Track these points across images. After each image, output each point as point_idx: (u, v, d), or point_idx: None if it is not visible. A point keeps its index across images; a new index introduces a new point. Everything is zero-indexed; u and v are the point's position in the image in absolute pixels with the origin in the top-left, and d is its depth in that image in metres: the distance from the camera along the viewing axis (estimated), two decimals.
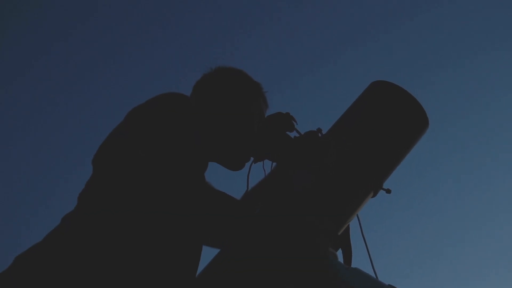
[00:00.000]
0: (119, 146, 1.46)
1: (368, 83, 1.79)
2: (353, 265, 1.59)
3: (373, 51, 5.72)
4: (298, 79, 5.81)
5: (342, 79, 5.74)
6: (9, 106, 5.47)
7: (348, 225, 1.66)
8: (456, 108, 5.74)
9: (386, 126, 1.66)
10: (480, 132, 5.71)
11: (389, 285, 1.38)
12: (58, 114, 5.61)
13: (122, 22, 5.70)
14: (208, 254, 1.61)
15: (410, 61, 5.70)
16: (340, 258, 1.55)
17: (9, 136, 5.44)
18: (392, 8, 5.71)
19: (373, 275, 1.63)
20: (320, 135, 1.67)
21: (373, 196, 1.67)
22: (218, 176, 1.85)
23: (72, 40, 5.52)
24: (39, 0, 5.48)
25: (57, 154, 5.54)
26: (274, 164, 1.75)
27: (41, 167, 5.56)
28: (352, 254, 1.64)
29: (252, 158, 1.74)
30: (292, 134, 1.72)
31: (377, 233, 4.99)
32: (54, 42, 5.51)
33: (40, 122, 5.54)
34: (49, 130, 5.59)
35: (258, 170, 1.74)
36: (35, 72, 5.53)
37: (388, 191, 1.67)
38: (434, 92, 5.48)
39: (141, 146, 1.41)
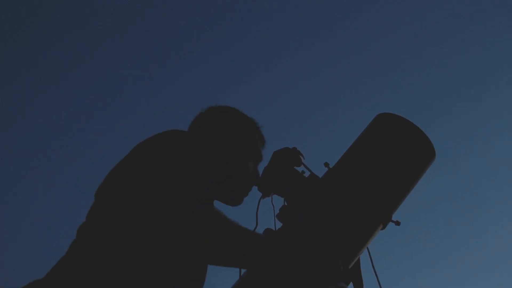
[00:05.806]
0: (124, 180, 1.50)
1: (373, 115, 1.81)
2: None
3: (381, 84, 5.77)
4: (304, 113, 5.85)
5: (349, 112, 5.77)
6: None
7: (359, 258, 1.66)
8: (462, 139, 5.74)
9: (393, 158, 1.67)
10: (487, 165, 5.70)
11: None
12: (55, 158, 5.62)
13: (123, 60, 5.78)
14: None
15: (417, 94, 5.75)
16: None
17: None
18: (400, 41, 5.79)
19: None
20: (327, 169, 1.68)
21: (383, 229, 1.67)
22: (227, 213, 1.86)
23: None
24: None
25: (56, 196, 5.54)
26: (282, 199, 1.75)
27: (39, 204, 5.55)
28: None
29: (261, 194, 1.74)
30: (300, 169, 1.73)
31: (388, 265, 4.94)
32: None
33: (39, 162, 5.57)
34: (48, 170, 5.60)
35: (267, 205, 1.75)
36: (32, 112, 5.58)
37: (397, 223, 1.67)
38: (441, 125, 5.50)
39: (144, 181, 1.45)
